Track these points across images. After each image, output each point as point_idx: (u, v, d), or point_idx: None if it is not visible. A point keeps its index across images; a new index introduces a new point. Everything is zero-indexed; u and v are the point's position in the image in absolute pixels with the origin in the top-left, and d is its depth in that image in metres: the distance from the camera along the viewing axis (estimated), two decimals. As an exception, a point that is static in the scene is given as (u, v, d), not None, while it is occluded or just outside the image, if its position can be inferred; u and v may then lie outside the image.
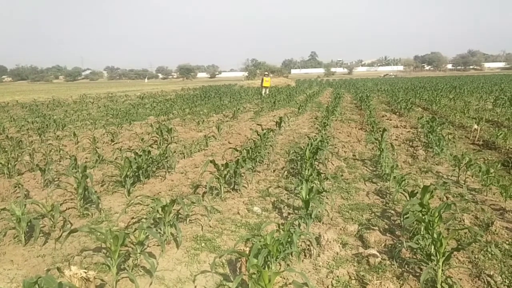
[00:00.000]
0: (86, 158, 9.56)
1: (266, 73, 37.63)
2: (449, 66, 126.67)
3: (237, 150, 8.09)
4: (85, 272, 3.32)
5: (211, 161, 6.58)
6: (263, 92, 28.60)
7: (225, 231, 5.26)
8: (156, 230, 4.97)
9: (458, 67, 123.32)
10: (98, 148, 10.44)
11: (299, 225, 5.15)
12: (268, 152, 9.57)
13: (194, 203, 5.48)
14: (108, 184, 7.44)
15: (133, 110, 21.37)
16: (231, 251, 3.83)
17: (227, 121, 16.18)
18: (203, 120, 15.78)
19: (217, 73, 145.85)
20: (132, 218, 5.71)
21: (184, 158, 9.50)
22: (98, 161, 9.02)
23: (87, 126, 15.74)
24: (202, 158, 9.34)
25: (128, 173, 6.93)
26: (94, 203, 6.03)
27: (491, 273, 3.95)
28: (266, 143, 9.76)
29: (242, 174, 7.31)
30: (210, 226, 5.40)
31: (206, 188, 6.42)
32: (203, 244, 4.82)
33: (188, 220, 5.52)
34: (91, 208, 6.08)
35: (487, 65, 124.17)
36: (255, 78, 67.15)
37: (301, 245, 4.68)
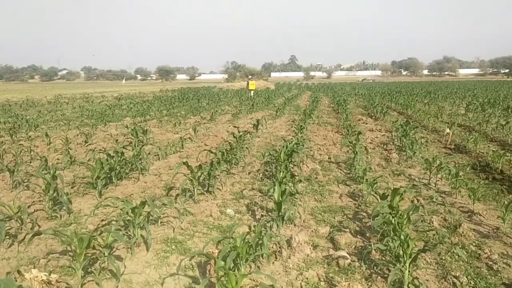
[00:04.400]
0: (58, 159, 9.36)
1: (251, 77, 41.18)
2: (425, 71, 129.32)
3: (212, 152, 8.04)
4: (46, 275, 3.23)
5: (184, 163, 6.52)
6: (250, 93, 32.26)
7: (196, 233, 5.21)
8: (126, 232, 4.89)
9: (433, 73, 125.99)
10: (70, 149, 10.24)
11: (271, 227, 5.14)
12: (244, 155, 9.56)
13: (166, 205, 5.41)
14: (79, 185, 7.29)
15: (109, 111, 21.05)
16: (199, 254, 3.79)
17: (204, 123, 16.11)
18: (180, 122, 15.66)
19: (197, 75, 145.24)
20: (102, 220, 5.61)
21: (159, 160, 9.40)
22: (70, 163, 8.83)
23: (61, 127, 15.42)
24: (177, 160, 9.26)
25: (100, 174, 6.80)
26: (63, 205, 5.90)
27: (457, 274, 4.02)
28: (242, 146, 9.75)
29: (217, 176, 7.28)
30: (182, 229, 5.35)
31: (179, 190, 6.36)
32: (173, 247, 4.76)
33: (159, 222, 5.45)
34: (60, 210, 5.94)
35: (461, 71, 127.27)
36: (235, 81, 67.30)
37: (272, 247, 4.67)
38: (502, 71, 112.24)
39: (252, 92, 33.13)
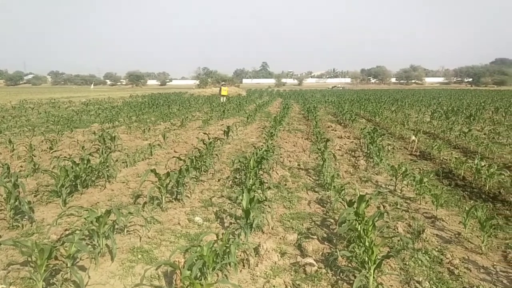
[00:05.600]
0: (21, 166, 9.05)
1: (224, 83, 43.02)
2: (393, 79, 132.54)
3: (180, 159, 7.97)
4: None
5: (152, 171, 6.43)
6: (222, 99, 32.53)
7: (164, 242, 5.14)
8: (91, 242, 4.78)
9: (401, 81, 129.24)
10: (34, 156, 9.93)
11: (239, 235, 5.13)
12: (214, 162, 9.52)
13: (132, 213, 5.32)
14: (43, 194, 7.07)
15: (76, 116, 20.58)
16: (164, 263, 3.73)
17: (174, 129, 15.96)
18: (150, 128, 15.46)
19: (168, 80, 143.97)
20: (66, 230, 5.44)
21: (127, 167, 9.24)
22: (34, 170, 8.56)
23: (25, 133, 14.94)
24: (145, 167, 9.12)
25: (65, 182, 6.62)
26: (26, 214, 5.71)
27: (420, 280, 4.12)
28: (212, 152, 9.71)
29: (186, 184, 7.22)
30: (149, 237, 5.26)
31: (147, 198, 6.27)
32: (139, 256, 4.68)
33: (126, 231, 5.34)
34: (22, 220, 5.74)
35: (427, 79, 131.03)
36: (206, 87, 67.18)
37: (240, 255, 4.66)
38: (466, 80, 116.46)
39: (224, 98, 33.40)
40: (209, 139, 10.68)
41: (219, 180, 8.18)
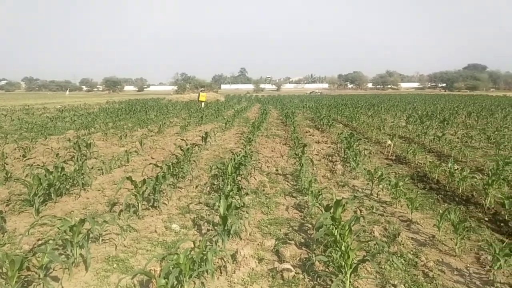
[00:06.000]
0: (-8, 175, 8.79)
1: (202, 89, 42.23)
2: (370, 84, 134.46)
3: (157, 166, 7.89)
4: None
5: (128, 178, 6.35)
6: (202, 105, 32.45)
7: (140, 250, 5.07)
8: (64, 252, 4.67)
9: (377, 86, 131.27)
10: (7, 164, 9.68)
11: (217, 241, 5.10)
12: (191, 168, 9.46)
13: (107, 221, 5.23)
14: (15, 203, 6.88)
15: (50, 123, 20.15)
16: (139, 272, 3.68)
17: (152, 135, 15.80)
18: (126, 135, 15.26)
19: (146, 86, 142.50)
20: (39, 239, 5.32)
21: (103, 174, 9.09)
22: (6, 179, 8.34)
23: (-3, 140, 14.53)
24: (122, 174, 8.99)
25: (38, 191, 6.47)
26: (-4, 224, 5.54)
27: (395, 283, 4.17)
28: (190, 159, 9.65)
29: (163, 191, 7.15)
30: (125, 246, 5.18)
31: (123, 206, 6.17)
32: (115, 265, 4.60)
33: (101, 240, 5.25)
34: (-8, 230, 5.57)
35: (403, 84, 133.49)
36: (184, 93, 66.86)
37: (217, 262, 4.63)
38: (440, 85, 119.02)
39: (203, 103, 33.34)
40: (186, 145, 10.62)
41: (196, 187, 8.13)
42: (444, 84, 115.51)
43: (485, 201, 6.83)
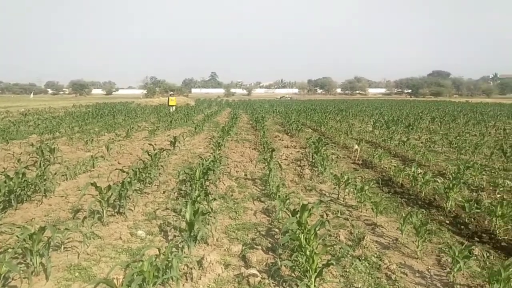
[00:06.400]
0: None
1: (172, 93, 43.88)
2: (339, 90, 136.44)
3: (123, 171, 7.76)
4: None
5: (92, 184, 6.21)
6: (171, 109, 32.27)
7: (104, 258, 4.96)
8: (24, 260, 4.52)
9: (346, 91, 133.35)
10: (-36, 170, 9.28)
11: (183, 248, 5.05)
12: (159, 173, 9.35)
13: (69, 229, 5.08)
14: (-28, 211, 6.60)
15: (13, 127, 19.46)
16: (100, 281, 3.60)
17: (119, 140, 15.51)
18: (93, 140, 14.91)
19: (114, 90, 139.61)
20: (-3, 248, 5.11)
21: (67, 180, 8.85)
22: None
23: (-46, 145, 13.93)
24: (87, 180, 8.78)
25: (-4, 198, 6.24)
26: (-50, 233, 5.30)
27: (359, 286, 4.25)
28: (158, 164, 9.53)
29: (129, 197, 7.02)
30: (88, 254, 5.06)
31: (87, 212, 6.03)
32: (77, 274, 4.48)
33: (62, 248, 5.10)
34: None
35: (370, 90, 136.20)
36: (154, 96, 66.08)
37: (183, 269, 4.59)
38: (406, 91, 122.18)
39: (173, 108, 33.25)
40: (154, 150, 10.49)
41: (164, 192, 8.04)
42: (410, 90, 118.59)
43: (446, 204, 7.04)
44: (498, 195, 7.86)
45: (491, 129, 21.01)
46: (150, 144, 12.60)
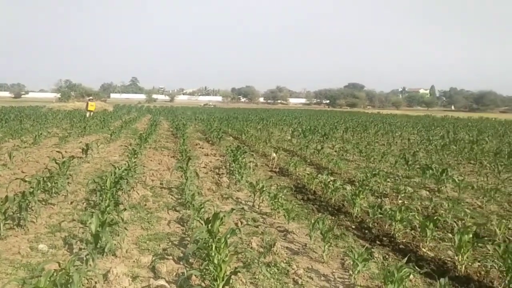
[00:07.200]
0: None
1: (91, 97, 43.30)
2: (261, 99, 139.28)
3: (25, 181, 7.22)
4: None
5: (-13, 195, 5.69)
6: (87, 114, 31.22)
7: (-2, 275, 4.56)
8: None
9: (268, 101, 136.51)
10: None
11: (88, 261, 4.80)
12: (68, 182, 8.83)
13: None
14: None
15: None
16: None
17: (25, 147, 14.42)
18: (-6, 146, 13.72)
19: (24, 93, 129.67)
20: None
21: (-41, 191, 8.04)
22: None
23: None
24: (-17, 191, 8.04)
25: None
26: None
27: (267, 291, 4.34)
28: (67, 172, 9.00)
29: (32, 208, 6.54)
30: (-21, 271, 4.62)
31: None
32: (-36, 294, 4.08)
33: None
34: None
35: (292, 100, 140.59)
36: (69, 101, 62.71)
37: (87, 283, 4.36)
38: (324, 102, 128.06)
39: (91, 113, 32.07)
40: (63, 157, 9.90)
41: (72, 203, 7.61)
42: (328, 101, 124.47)
43: (353, 210, 7.46)
44: (400, 201, 8.49)
45: (398, 139, 22.69)
46: (59, 152, 11.85)
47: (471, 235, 5.32)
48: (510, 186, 10.51)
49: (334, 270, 5.10)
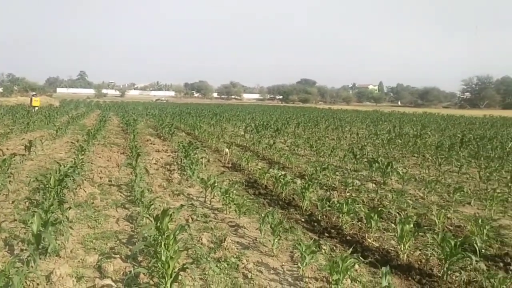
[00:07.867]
0: None
1: (34, 93, 43.29)
2: (215, 94, 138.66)
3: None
4: None
5: None
6: (33, 110, 30.54)
7: None
8: None
9: (222, 96, 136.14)
10: None
11: (29, 262, 4.61)
12: (9, 181, 8.39)
13: None
14: None
15: None
16: None
17: (-39, 144, 13.54)
18: None
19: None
20: None
21: None
22: None
23: None
24: None
25: None
26: None
27: (216, 287, 4.35)
28: (7, 170, 8.55)
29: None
30: None
31: None
32: None
33: None
34: None
35: (245, 95, 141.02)
36: (11, 96, 59.68)
37: (29, 285, 4.19)
38: (277, 97, 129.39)
39: (35, 108, 31.42)
40: (3, 154, 9.41)
41: (13, 202, 7.25)
42: (281, 96, 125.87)
43: (303, 203, 7.61)
44: (348, 194, 8.75)
45: (347, 134, 23.35)
46: (-1, 149, 11.24)
47: (412, 225, 5.59)
48: (450, 177, 11.12)
49: (283, 263, 5.19)
